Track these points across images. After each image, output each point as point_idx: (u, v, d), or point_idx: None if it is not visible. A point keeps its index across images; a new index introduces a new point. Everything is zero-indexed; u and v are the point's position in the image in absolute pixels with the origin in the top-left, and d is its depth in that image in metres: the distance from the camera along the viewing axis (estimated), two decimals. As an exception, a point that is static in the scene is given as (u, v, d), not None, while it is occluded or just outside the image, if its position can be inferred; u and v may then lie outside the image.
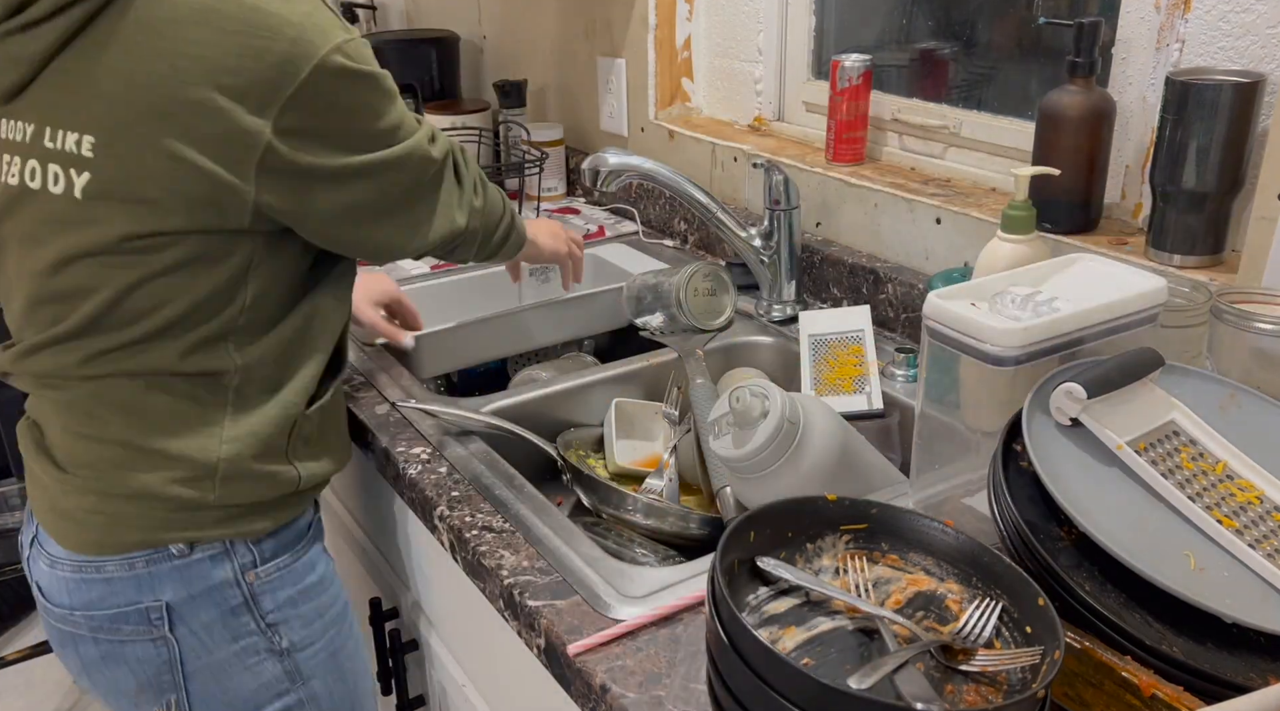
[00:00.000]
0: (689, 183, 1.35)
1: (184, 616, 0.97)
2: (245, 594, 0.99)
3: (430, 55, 2.09)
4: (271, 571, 1.00)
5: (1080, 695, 0.67)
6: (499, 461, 1.06)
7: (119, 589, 0.96)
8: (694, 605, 0.83)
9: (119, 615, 0.96)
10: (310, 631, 1.04)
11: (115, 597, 0.96)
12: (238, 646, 1.00)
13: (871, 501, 0.75)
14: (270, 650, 1.01)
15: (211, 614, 0.98)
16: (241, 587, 0.98)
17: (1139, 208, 1.15)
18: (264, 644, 1.01)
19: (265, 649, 1.01)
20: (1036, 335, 0.78)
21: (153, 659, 0.98)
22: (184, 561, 0.96)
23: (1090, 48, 1.09)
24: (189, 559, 0.96)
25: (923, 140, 1.42)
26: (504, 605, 0.89)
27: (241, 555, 0.98)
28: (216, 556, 0.97)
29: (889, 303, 1.32)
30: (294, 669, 1.03)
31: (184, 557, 0.95)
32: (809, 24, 1.57)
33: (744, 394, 0.91)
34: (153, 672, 0.98)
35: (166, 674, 0.99)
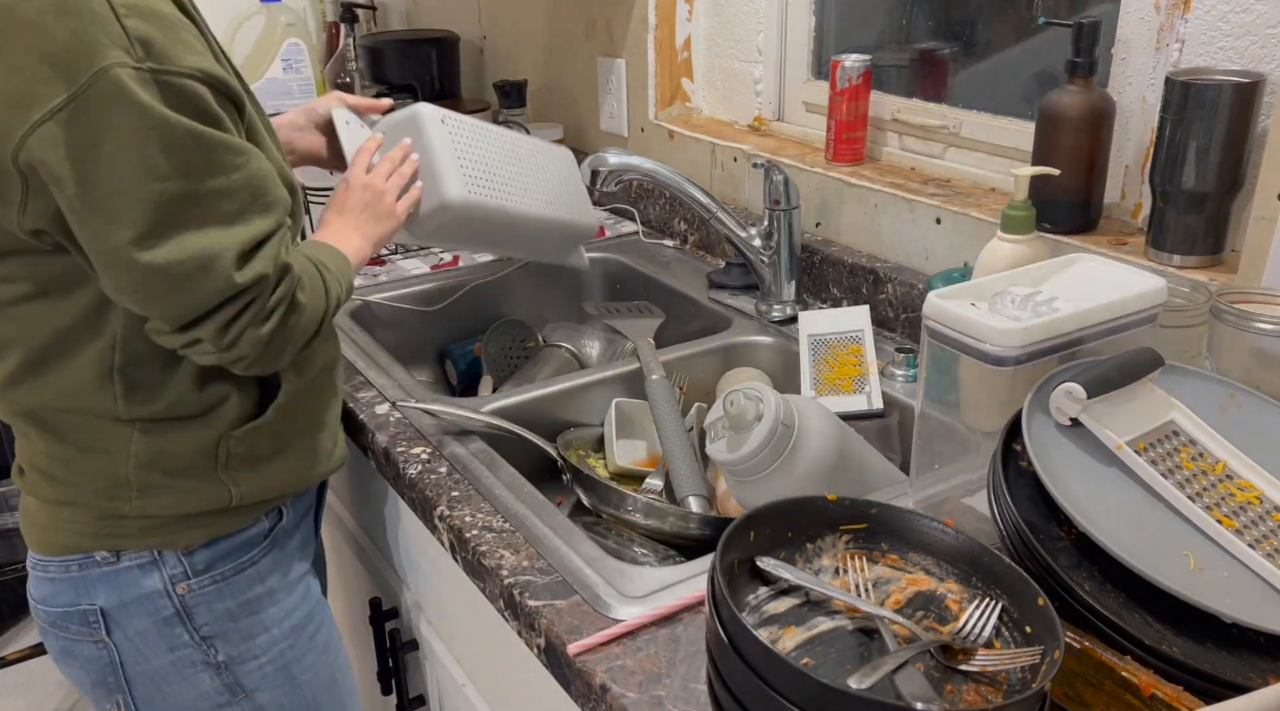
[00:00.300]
0: (689, 183, 1.35)
1: (119, 622, 0.98)
2: (176, 606, 0.98)
3: (430, 55, 2.09)
4: (205, 583, 0.98)
5: (1080, 695, 0.67)
6: (499, 461, 1.06)
7: (61, 589, 0.98)
8: (694, 605, 0.83)
9: (64, 614, 0.99)
10: (253, 645, 1.02)
11: (59, 597, 0.98)
12: (173, 656, 0.99)
13: (871, 501, 0.75)
14: (206, 662, 1.00)
15: (144, 622, 0.98)
16: (172, 599, 0.97)
17: (1139, 208, 1.15)
18: (199, 656, 1.00)
19: (200, 661, 1.00)
20: (1036, 335, 0.78)
21: (97, 659, 1.00)
22: (112, 568, 0.96)
23: (1090, 48, 1.09)
24: (117, 567, 0.96)
25: (923, 140, 1.42)
26: (504, 605, 0.89)
27: (171, 566, 0.97)
28: (144, 565, 0.96)
29: (889, 303, 1.32)
30: (233, 682, 1.02)
31: (111, 565, 0.96)
32: (809, 24, 1.57)
33: (738, 397, 0.91)
34: (99, 673, 1.00)
35: (111, 676, 1.00)
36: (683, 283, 1.53)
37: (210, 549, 0.98)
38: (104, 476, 0.94)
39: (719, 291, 1.47)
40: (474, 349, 1.52)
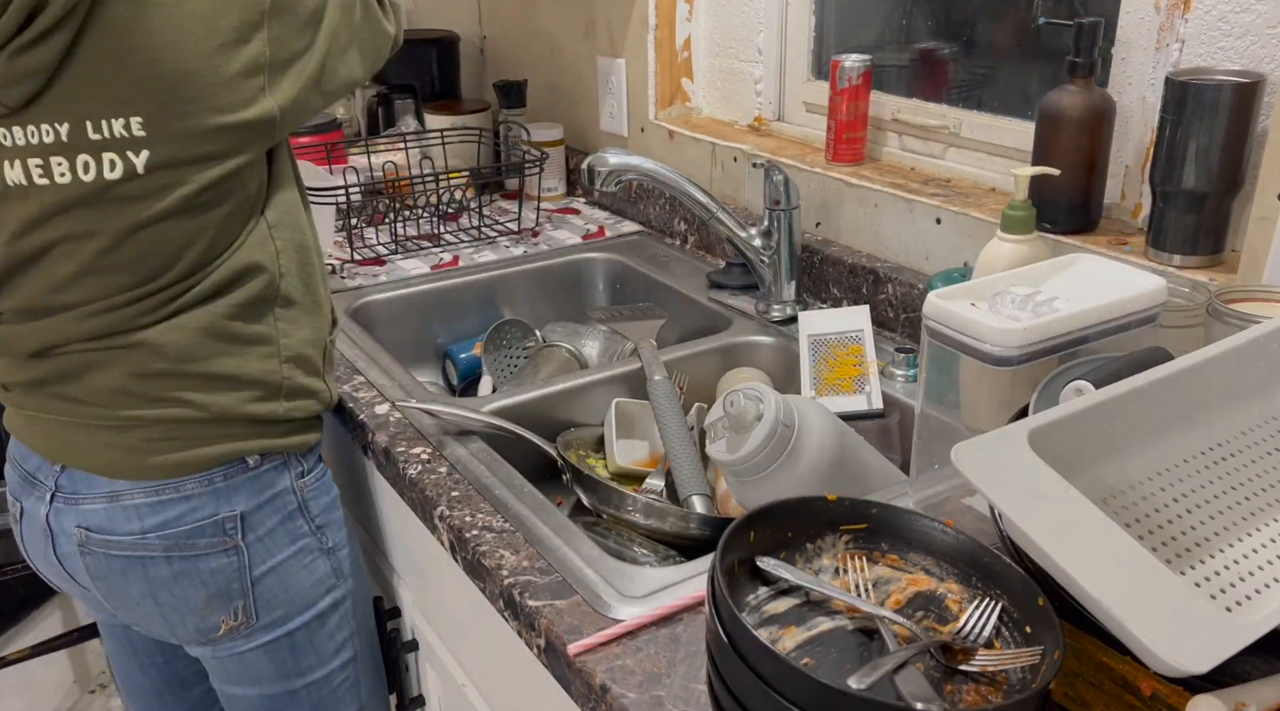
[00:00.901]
0: (689, 183, 1.35)
1: (253, 525, 1.06)
2: (299, 500, 1.10)
3: (430, 55, 2.09)
4: (314, 480, 1.11)
5: (1080, 695, 0.67)
6: (499, 461, 1.06)
7: (199, 504, 1.04)
8: (694, 605, 0.83)
9: (196, 529, 1.04)
10: (342, 534, 1.15)
11: (194, 513, 1.04)
12: (295, 547, 1.10)
13: (871, 501, 0.75)
14: (320, 549, 1.12)
15: (274, 519, 1.08)
16: (296, 494, 1.09)
17: (1139, 208, 1.15)
18: (315, 544, 1.11)
19: (316, 548, 1.12)
20: (1036, 335, 0.78)
21: (224, 569, 1.06)
22: (256, 472, 1.06)
23: (1090, 48, 1.09)
24: (260, 469, 1.06)
25: (923, 140, 1.42)
26: (504, 605, 0.89)
27: (295, 465, 1.09)
28: (279, 467, 1.08)
29: (889, 303, 1.32)
30: (338, 566, 1.14)
31: (257, 468, 1.06)
32: (809, 24, 1.57)
33: (738, 397, 0.91)
34: (224, 582, 1.06)
35: (236, 581, 1.07)
36: (683, 283, 1.53)
37: (312, 453, 1.12)
38: (259, 385, 1.04)
39: (719, 291, 1.47)
40: (474, 349, 1.52)
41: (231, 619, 1.08)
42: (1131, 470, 0.69)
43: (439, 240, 1.72)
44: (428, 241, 1.71)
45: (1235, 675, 0.62)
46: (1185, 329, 0.90)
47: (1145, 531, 0.67)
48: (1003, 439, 0.65)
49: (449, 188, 1.75)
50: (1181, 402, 0.73)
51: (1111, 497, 0.68)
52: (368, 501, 1.29)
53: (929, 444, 0.89)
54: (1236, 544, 0.67)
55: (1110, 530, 0.60)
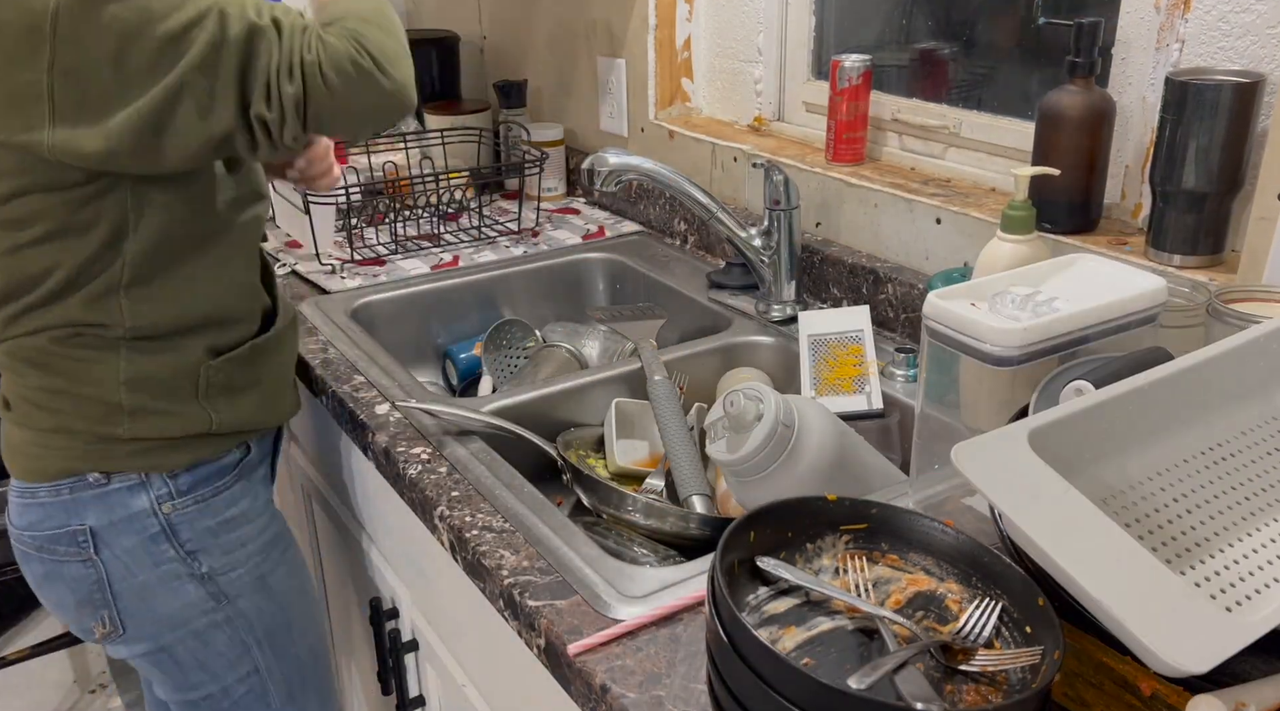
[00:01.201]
0: (689, 183, 1.35)
1: (107, 541, 1.05)
2: (162, 523, 1.07)
3: (430, 55, 2.09)
4: (188, 503, 1.08)
5: (1080, 695, 0.67)
6: (499, 461, 1.06)
7: (51, 513, 1.05)
8: (694, 605, 0.83)
9: (53, 536, 1.06)
10: (231, 558, 1.12)
11: (49, 521, 1.05)
12: (160, 571, 1.07)
13: (871, 501, 0.75)
14: (190, 574, 1.09)
15: (132, 540, 1.06)
16: (158, 517, 1.06)
17: (1139, 208, 1.15)
18: (184, 569, 1.09)
19: (186, 573, 1.09)
20: (1036, 335, 0.78)
21: (84, 578, 1.07)
22: (102, 490, 1.04)
23: (1090, 48, 1.09)
24: (107, 488, 1.04)
25: (923, 140, 1.42)
26: (504, 605, 0.89)
27: (157, 487, 1.06)
28: (133, 487, 1.05)
29: (889, 303, 1.32)
30: (216, 591, 1.11)
31: (102, 486, 1.04)
32: (809, 24, 1.57)
33: (738, 397, 0.91)
34: (86, 591, 1.07)
35: (98, 592, 1.08)
36: (683, 283, 1.53)
37: (191, 473, 1.08)
38: (97, 404, 1.02)
39: (719, 291, 1.47)
40: (474, 349, 1.52)
41: (101, 626, 1.09)
42: (1131, 470, 0.69)
43: (439, 240, 1.72)
44: (428, 241, 1.71)
45: (1235, 675, 0.62)
46: (1185, 329, 0.90)
47: (1145, 531, 0.67)
48: (1003, 439, 0.65)
49: (449, 188, 1.75)
50: (1181, 402, 0.73)
51: (1111, 497, 0.68)
52: (368, 501, 1.29)
53: (929, 444, 0.89)
54: (1236, 544, 0.67)
55: (1110, 530, 0.60)
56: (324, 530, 1.54)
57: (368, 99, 0.94)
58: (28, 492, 1.06)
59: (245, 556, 1.13)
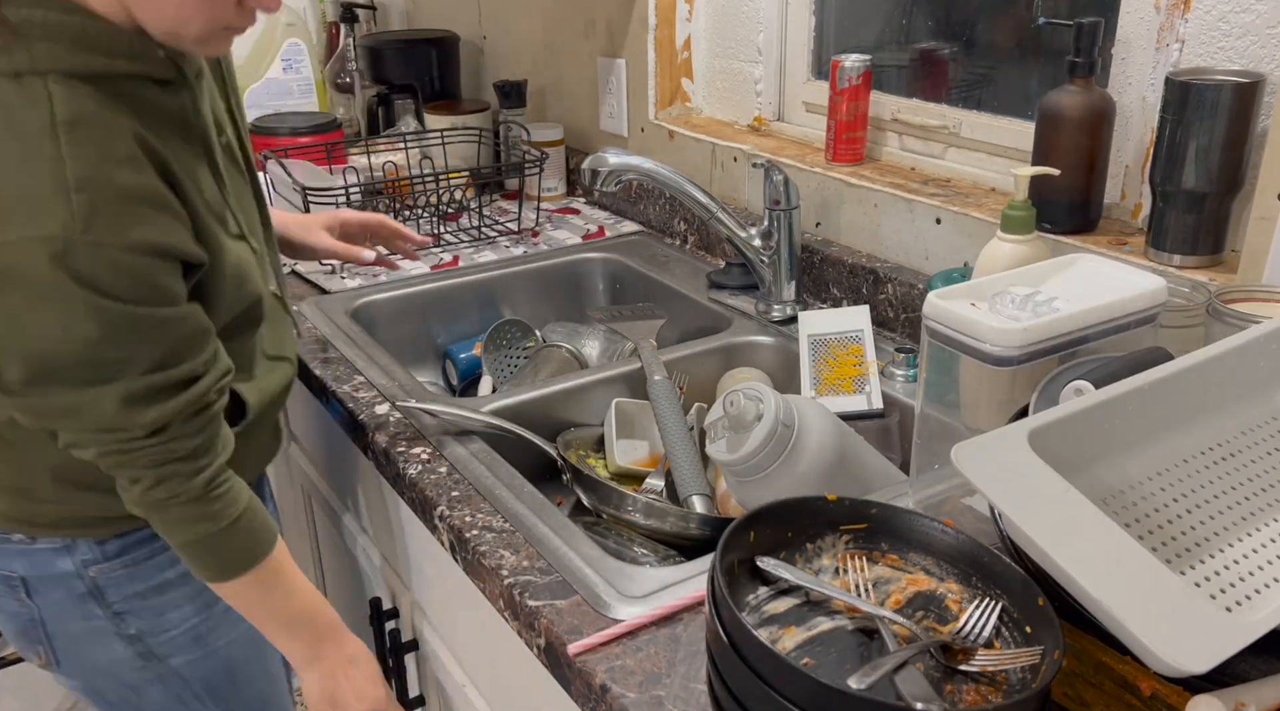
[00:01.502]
0: (689, 183, 1.35)
1: (38, 590, 1.03)
2: (89, 586, 1.02)
3: (430, 55, 2.09)
4: (116, 568, 1.02)
5: (1080, 695, 0.67)
6: (499, 461, 1.06)
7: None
8: (694, 605, 0.83)
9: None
10: (164, 620, 1.06)
11: None
12: (88, 625, 1.04)
13: (871, 501, 0.75)
14: (118, 633, 1.05)
15: (59, 595, 1.03)
16: (84, 580, 1.02)
17: (1139, 208, 1.15)
18: (111, 628, 1.05)
19: (113, 632, 1.05)
20: (1036, 335, 0.78)
21: (20, 614, 1.04)
22: (27, 547, 1.01)
23: (1090, 48, 1.09)
24: (33, 547, 1.01)
25: (923, 140, 1.42)
26: (504, 605, 0.89)
27: (84, 552, 1.01)
28: (58, 549, 1.01)
29: (889, 303, 1.32)
30: (146, 651, 1.07)
31: (27, 545, 1.00)
32: (809, 24, 1.57)
33: (738, 397, 0.91)
34: (22, 625, 1.05)
35: (33, 629, 1.05)
36: (683, 283, 1.53)
37: (122, 539, 1.02)
38: (23, 475, 0.97)
39: (719, 291, 1.47)
40: (474, 349, 1.52)
41: (39, 658, 1.07)
42: (1131, 470, 0.69)
43: (439, 240, 1.72)
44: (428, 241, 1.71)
45: (1235, 675, 0.62)
46: (1185, 329, 0.90)
47: (1145, 531, 0.67)
48: (1003, 439, 0.65)
49: (449, 188, 1.75)
50: (1181, 402, 0.73)
51: (1111, 497, 0.68)
52: (368, 501, 1.29)
53: (929, 444, 0.89)
54: (1236, 544, 0.67)
55: (1110, 530, 0.60)
56: (324, 530, 1.54)
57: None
58: None
59: (179, 618, 1.06)
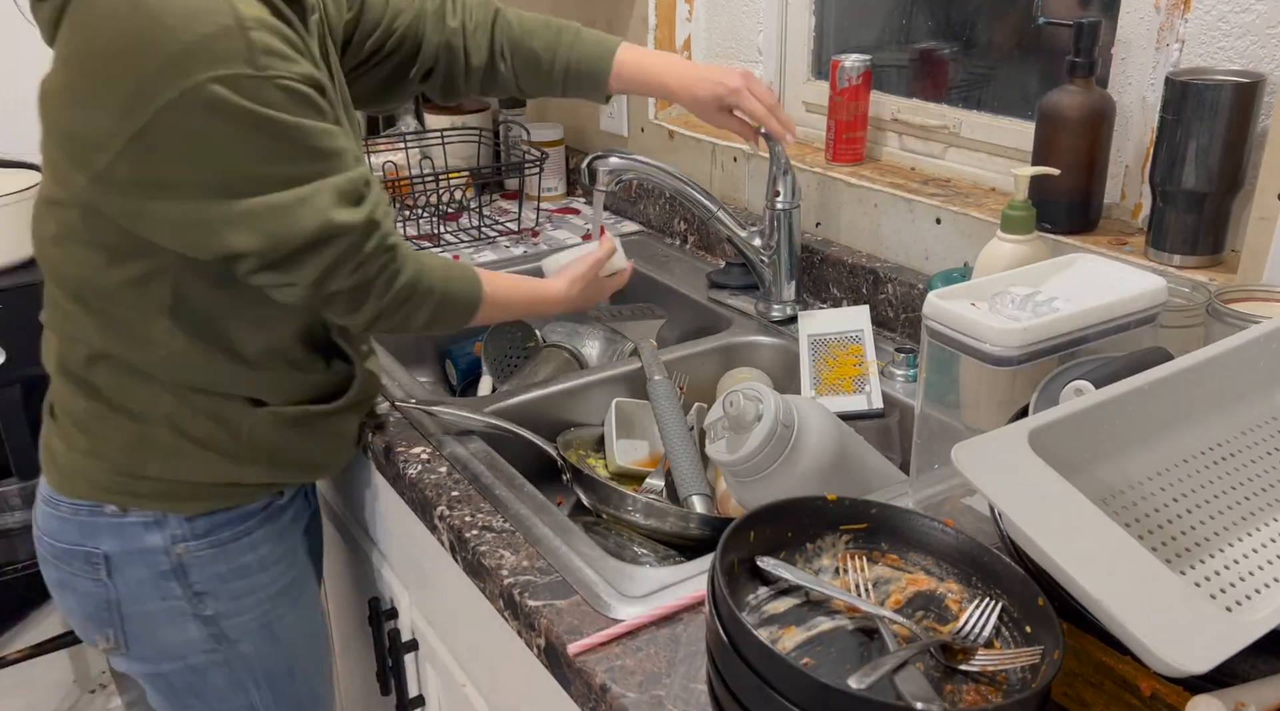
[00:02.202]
0: (689, 183, 1.35)
1: (119, 568, 1.04)
2: (173, 563, 1.05)
3: (430, 55, 2.09)
4: (202, 547, 1.05)
5: (1080, 695, 0.67)
6: (499, 461, 1.06)
7: (69, 529, 1.04)
8: (694, 605, 0.83)
9: (69, 552, 1.05)
10: (239, 604, 1.09)
11: (67, 535, 1.05)
12: (165, 604, 1.06)
13: (871, 501, 0.75)
14: (194, 614, 1.07)
15: (142, 572, 1.05)
16: (170, 556, 1.04)
17: (1139, 208, 1.15)
18: (188, 608, 1.07)
19: (190, 612, 1.07)
20: (1036, 335, 0.78)
21: (95, 595, 1.06)
22: (119, 520, 1.03)
23: (1090, 48, 1.09)
24: (123, 519, 1.03)
25: (923, 140, 1.42)
26: (504, 605, 0.89)
27: (173, 527, 1.04)
28: (149, 524, 1.03)
29: (889, 303, 1.32)
30: (219, 632, 1.09)
31: (119, 518, 1.03)
32: (809, 24, 1.57)
33: (738, 397, 0.91)
34: (94, 607, 1.06)
35: (105, 611, 1.06)
36: (683, 283, 1.53)
37: (210, 518, 1.05)
38: (133, 436, 1.00)
39: (719, 291, 1.47)
40: (474, 349, 1.52)
41: (106, 641, 1.08)
42: (1131, 470, 0.69)
43: (439, 240, 1.72)
44: (428, 241, 1.71)
45: (1235, 675, 0.62)
46: (1185, 329, 0.90)
47: (1145, 531, 0.67)
48: (1003, 439, 0.65)
49: (449, 188, 1.75)
50: (1182, 402, 0.73)
51: (1111, 497, 0.68)
52: (368, 501, 1.29)
53: (929, 444, 0.89)
54: (1236, 544, 0.67)
55: (1110, 530, 0.60)
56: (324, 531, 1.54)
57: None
58: (52, 501, 1.05)
59: (254, 603, 1.10)
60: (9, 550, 1.99)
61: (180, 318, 0.96)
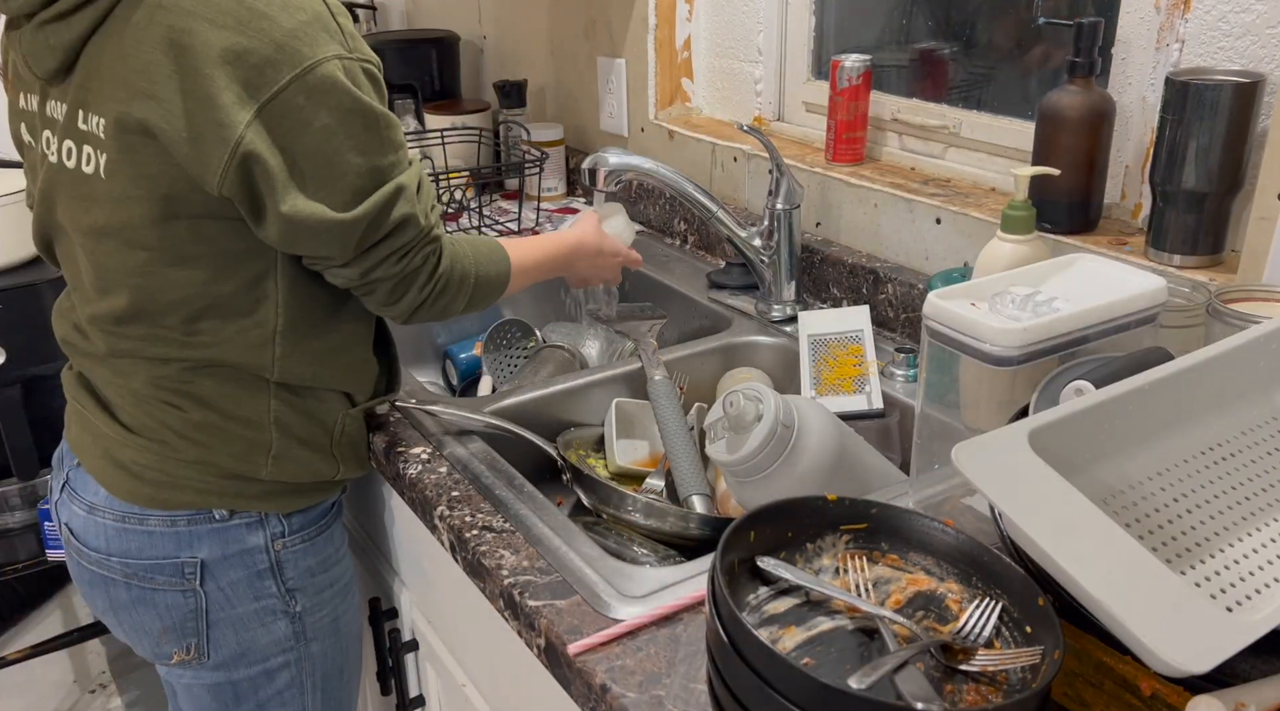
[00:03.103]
0: (689, 183, 1.35)
1: (214, 573, 1.06)
2: (272, 560, 1.08)
3: (430, 55, 2.09)
4: (296, 542, 1.09)
5: (1080, 695, 0.67)
6: (499, 461, 1.06)
7: (159, 542, 1.04)
8: (694, 605, 0.83)
9: (155, 566, 1.04)
10: (320, 598, 1.13)
11: (154, 549, 1.04)
12: (258, 605, 1.08)
13: (871, 501, 0.75)
14: (285, 612, 1.10)
15: (239, 574, 1.07)
16: (269, 554, 1.07)
17: (1139, 208, 1.15)
18: (281, 606, 1.10)
19: (281, 610, 1.10)
20: (1036, 335, 0.78)
21: (180, 606, 1.06)
22: (223, 525, 1.05)
23: (1090, 48, 1.09)
24: (228, 523, 1.05)
25: (923, 140, 1.42)
26: (504, 605, 0.89)
27: (273, 525, 1.07)
28: (252, 524, 1.06)
29: (889, 303, 1.32)
30: (301, 630, 1.12)
31: (224, 522, 1.05)
32: (809, 24, 1.57)
33: (738, 397, 0.91)
34: (179, 618, 1.07)
35: (191, 621, 1.07)
36: (683, 283, 1.53)
37: (304, 514, 1.10)
38: (244, 442, 1.02)
39: (719, 291, 1.47)
40: (474, 349, 1.52)
41: (183, 652, 1.09)
42: (1131, 470, 0.69)
43: (439, 240, 1.72)
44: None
45: (1235, 675, 0.62)
46: (1185, 329, 0.90)
47: (1145, 531, 0.67)
48: (1003, 439, 0.65)
49: (449, 188, 1.75)
50: (1182, 402, 0.73)
51: (1111, 497, 0.68)
52: (368, 501, 1.29)
53: (929, 444, 0.89)
54: (1236, 544, 0.67)
55: (1110, 530, 0.60)
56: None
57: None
58: (131, 517, 1.03)
59: (330, 597, 1.14)
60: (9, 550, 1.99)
61: (288, 317, 0.99)
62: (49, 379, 1.07)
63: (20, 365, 1.68)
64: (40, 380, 1.70)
